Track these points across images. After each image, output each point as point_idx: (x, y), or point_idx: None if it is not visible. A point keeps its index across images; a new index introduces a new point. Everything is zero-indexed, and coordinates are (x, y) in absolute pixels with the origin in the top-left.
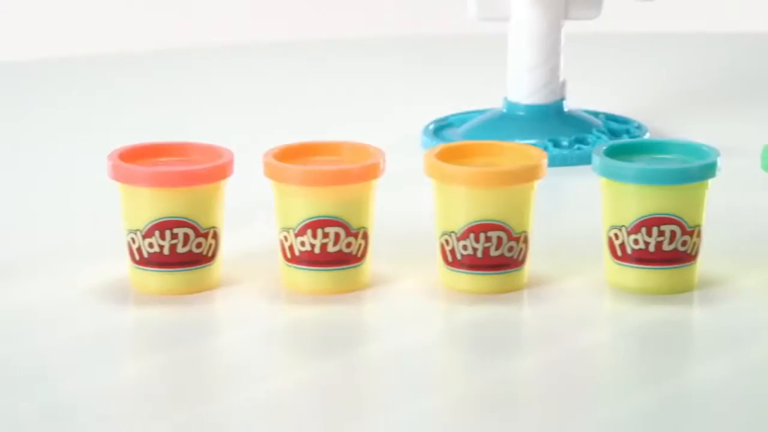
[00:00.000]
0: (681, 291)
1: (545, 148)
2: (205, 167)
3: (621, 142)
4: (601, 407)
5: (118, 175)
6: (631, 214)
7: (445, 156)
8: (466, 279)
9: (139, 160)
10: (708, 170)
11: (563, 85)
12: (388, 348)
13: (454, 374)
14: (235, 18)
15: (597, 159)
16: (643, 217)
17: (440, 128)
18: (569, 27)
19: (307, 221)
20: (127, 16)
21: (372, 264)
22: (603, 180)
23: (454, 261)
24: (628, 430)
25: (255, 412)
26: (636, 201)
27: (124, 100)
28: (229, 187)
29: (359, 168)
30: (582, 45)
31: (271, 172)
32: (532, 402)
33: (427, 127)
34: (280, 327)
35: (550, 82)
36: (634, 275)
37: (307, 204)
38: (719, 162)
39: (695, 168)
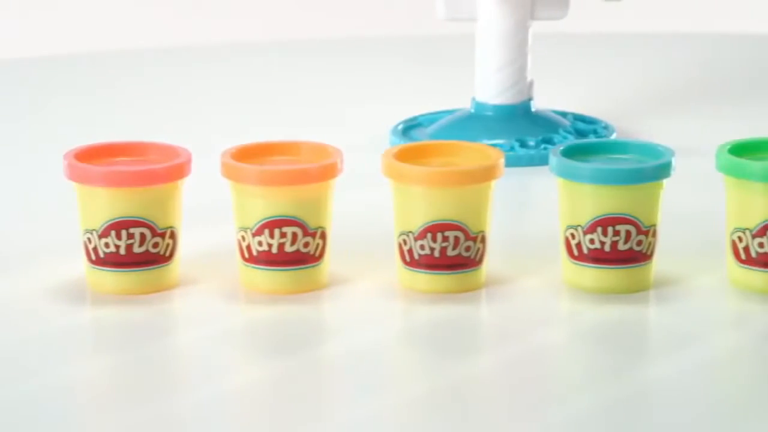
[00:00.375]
0: (637, 290)
1: (512, 148)
2: (162, 167)
3: (578, 142)
4: (557, 405)
5: (74, 175)
6: (587, 214)
7: (403, 156)
8: (423, 279)
9: (95, 160)
10: (663, 170)
11: (531, 85)
12: (346, 347)
13: (412, 373)
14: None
15: (554, 159)
16: (598, 216)
17: (409, 128)
18: (538, 27)
19: (264, 221)
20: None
21: (331, 264)
22: (560, 180)
23: (411, 261)
24: (584, 428)
25: (211, 411)
26: (592, 201)
27: (88, 100)
28: (189, 186)
29: (316, 168)
30: (553, 45)
31: (228, 172)
32: (489, 400)
33: (396, 127)
34: (237, 326)
35: (517, 83)
36: (591, 275)
37: (264, 204)
38: (674, 162)
39: (650, 168)
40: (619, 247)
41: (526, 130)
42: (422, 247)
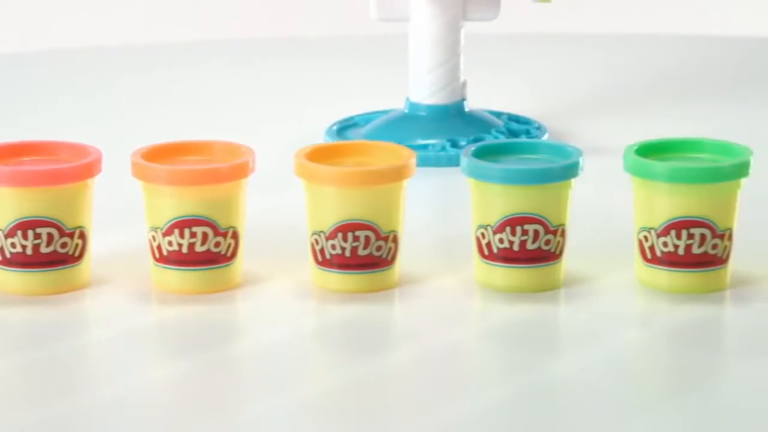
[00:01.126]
0: (547, 289)
1: (443, 148)
2: (69, 166)
3: (489, 142)
4: (466, 401)
5: None
6: (496, 214)
7: (316, 156)
8: (335, 278)
9: (3, 160)
10: (570, 170)
11: (464, 85)
12: (257, 346)
13: (322, 371)
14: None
15: (464, 160)
16: (506, 216)
17: (344, 128)
18: (471, 28)
19: (174, 221)
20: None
21: (244, 263)
22: (470, 180)
23: (323, 260)
24: (492, 422)
25: (119, 410)
26: (500, 201)
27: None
28: (106, 186)
29: (227, 167)
30: (490, 46)
31: (137, 172)
32: (398, 397)
33: (331, 127)
34: (148, 326)
35: (450, 83)
36: (501, 274)
37: (174, 204)
38: (582, 162)
39: (557, 168)
40: (528, 247)
41: (459, 130)
42: (333, 247)
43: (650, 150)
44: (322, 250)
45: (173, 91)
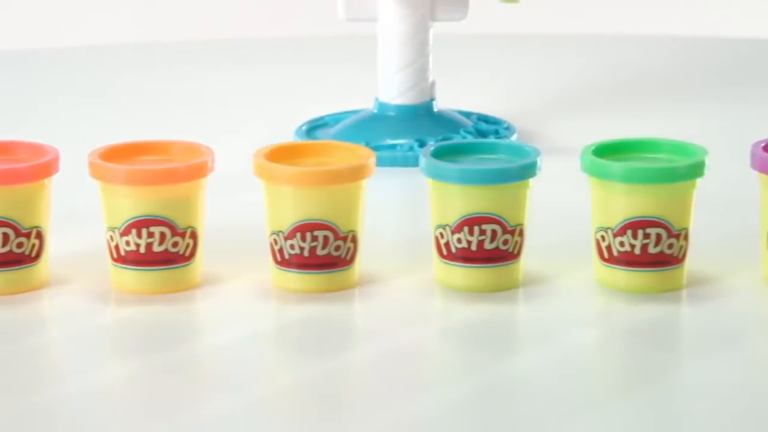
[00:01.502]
0: (505, 288)
1: (411, 148)
2: (26, 166)
3: (449, 143)
4: (423, 401)
5: None
6: (454, 214)
7: (275, 156)
8: (294, 278)
9: None
10: (528, 170)
11: (432, 85)
12: (216, 346)
13: (280, 371)
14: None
15: (423, 160)
16: (464, 216)
17: (314, 128)
18: (440, 29)
19: (131, 221)
20: None
21: (204, 263)
22: (429, 180)
23: (283, 260)
24: (449, 420)
25: (76, 409)
26: (458, 201)
27: None
28: (66, 186)
29: (184, 167)
30: (461, 46)
31: (95, 172)
32: (355, 395)
33: (300, 127)
34: (105, 326)
35: (418, 83)
36: (460, 273)
37: (131, 203)
38: (539, 162)
39: (515, 168)
40: (486, 246)
41: (428, 130)
42: (292, 247)
43: (607, 150)
44: (281, 250)
45: (143, 91)
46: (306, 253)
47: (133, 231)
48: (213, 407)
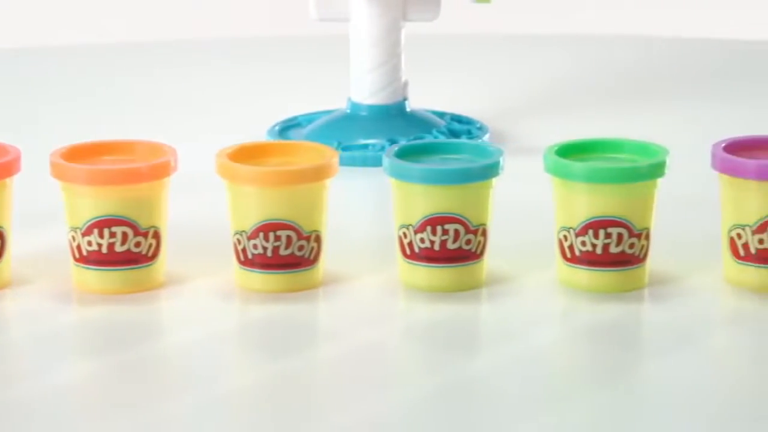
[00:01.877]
0: (468, 288)
1: (382, 148)
2: None
3: (414, 143)
4: (385, 400)
5: None
6: (417, 214)
7: (238, 156)
8: (257, 278)
9: None
10: (490, 170)
11: (405, 85)
12: (178, 345)
13: (243, 370)
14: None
15: (386, 160)
16: (427, 216)
17: (287, 128)
18: (412, 29)
19: (93, 221)
20: None
21: (167, 263)
22: (392, 180)
23: (246, 260)
24: (410, 422)
25: (37, 409)
26: (421, 200)
27: None
28: (30, 186)
29: (147, 167)
30: (433, 47)
31: (56, 172)
32: (318, 395)
33: (273, 127)
34: (68, 326)
35: (391, 83)
36: (424, 273)
37: (92, 203)
38: (502, 162)
39: (477, 168)
40: (449, 246)
41: (400, 130)
42: (255, 247)
43: (570, 150)
44: (244, 250)
45: (110, 91)
46: (269, 253)
47: (95, 231)
48: (175, 406)
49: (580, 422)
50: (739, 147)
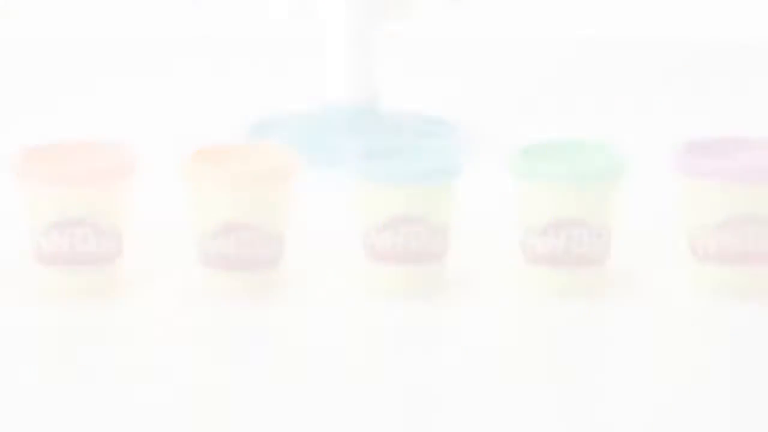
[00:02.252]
0: (430, 290)
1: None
2: None
3: (378, 145)
4: (346, 400)
5: None
6: (380, 215)
7: (201, 158)
8: (220, 279)
9: None
10: (453, 172)
11: (379, 87)
12: (136, 345)
13: (198, 371)
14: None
15: (351, 162)
16: (390, 217)
17: (261, 128)
18: (393, 30)
19: (54, 222)
20: None
21: (129, 264)
22: (355, 182)
23: (208, 261)
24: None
25: None
26: (384, 202)
27: None
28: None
29: (108, 168)
30: (408, 48)
31: (17, 173)
32: (278, 395)
33: (247, 127)
34: (28, 328)
35: (365, 84)
36: (387, 275)
37: (53, 205)
38: (460, 165)
39: (440, 169)
40: (412, 248)
41: (374, 130)
42: (217, 247)
43: (534, 152)
44: (206, 251)
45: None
46: (231, 254)
47: (56, 232)
48: (130, 405)
49: (539, 421)
50: (699, 148)
